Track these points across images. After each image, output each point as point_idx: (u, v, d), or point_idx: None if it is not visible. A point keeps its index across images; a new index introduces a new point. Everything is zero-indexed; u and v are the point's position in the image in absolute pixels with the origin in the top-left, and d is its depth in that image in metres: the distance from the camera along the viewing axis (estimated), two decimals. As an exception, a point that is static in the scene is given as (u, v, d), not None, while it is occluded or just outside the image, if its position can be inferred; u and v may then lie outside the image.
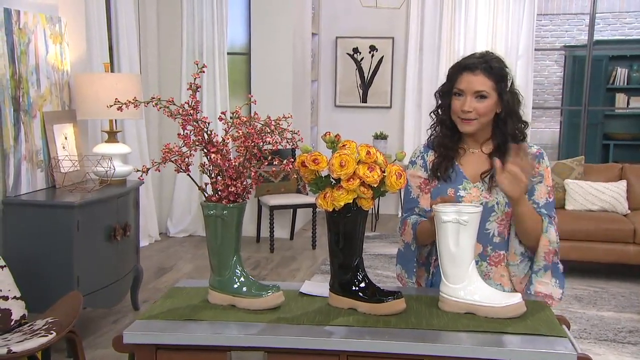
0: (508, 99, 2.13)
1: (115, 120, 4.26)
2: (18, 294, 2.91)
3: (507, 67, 2.15)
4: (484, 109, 2.11)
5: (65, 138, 3.95)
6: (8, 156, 3.46)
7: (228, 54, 6.31)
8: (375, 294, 1.87)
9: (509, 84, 2.14)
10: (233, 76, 6.51)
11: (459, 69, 2.14)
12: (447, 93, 2.17)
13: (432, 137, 2.27)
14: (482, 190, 2.15)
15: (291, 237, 6.44)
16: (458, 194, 2.16)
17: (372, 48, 7.53)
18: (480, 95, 2.10)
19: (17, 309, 2.87)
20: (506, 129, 2.15)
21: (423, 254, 2.26)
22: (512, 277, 2.19)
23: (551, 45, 11.06)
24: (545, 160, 2.19)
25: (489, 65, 2.11)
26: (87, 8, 4.64)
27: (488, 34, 7.16)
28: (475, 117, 2.11)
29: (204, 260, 5.47)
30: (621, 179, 5.54)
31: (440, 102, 2.21)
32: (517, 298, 1.87)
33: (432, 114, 2.26)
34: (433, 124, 2.26)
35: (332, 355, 1.72)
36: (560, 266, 2.21)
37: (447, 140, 2.20)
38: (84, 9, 4.47)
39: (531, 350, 1.66)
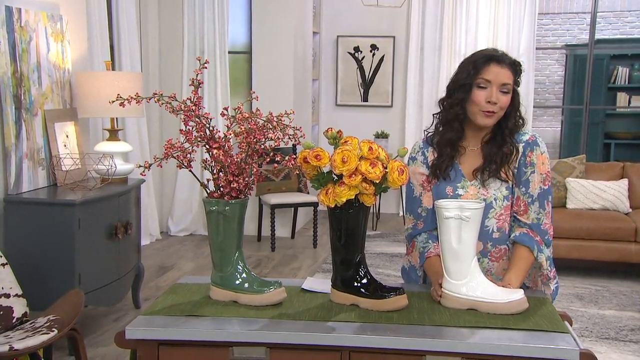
0: (517, 95, 2.15)
1: (117, 119, 4.26)
2: (19, 292, 2.91)
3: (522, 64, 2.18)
4: (506, 102, 2.10)
5: (67, 136, 3.95)
6: (9, 154, 3.46)
7: (229, 52, 6.31)
8: (377, 290, 1.87)
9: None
10: (234, 75, 6.51)
11: (485, 59, 2.09)
12: (468, 85, 2.09)
13: (430, 134, 2.24)
14: (480, 188, 2.15)
15: (292, 236, 6.44)
16: (456, 192, 2.16)
17: (373, 47, 7.52)
18: (505, 89, 2.09)
19: (19, 307, 2.87)
20: (507, 123, 2.14)
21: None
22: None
23: (552, 44, 11.05)
24: (539, 147, 2.15)
25: (513, 61, 2.13)
26: (88, 6, 4.64)
27: (489, 32, 7.16)
28: (498, 109, 2.09)
29: (205, 259, 5.48)
30: (622, 178, 5.54)
31: (457, 95, 2.11)
32: (519, 294, 1.87)
33: (443, 105, 2.17)
34: (444, 120, 2.17)
35: (334, 351, 1.72)
36: (553, 287, 2.23)
37: (454, 137, 2.15)
38: (85, 7, 4.47)
39: (533, 346, 1.66)
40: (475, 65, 2.10)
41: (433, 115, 2.24)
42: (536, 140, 2.16)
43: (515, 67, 2.12)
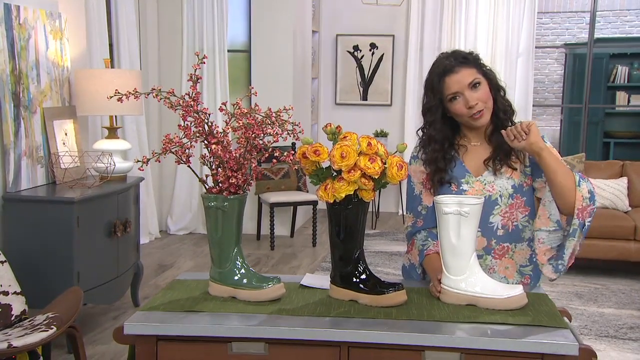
0: (491, 76, 2.15)
1: (116, 117, 4.25)
2: (18, 289, 2.91)
3: (474, 52, 2.18)
4: (484, 94, 2.11)
5: (66, 134, 3.94)
6: (8, 152, 3.45)
7: (228, 51, 6.31)
8: (376, 286, 1.87)
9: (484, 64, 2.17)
10: (233, 74, 6.51)
11: (439, 77, 2.11)
12: (434, 107, 2.13)
13: (418, 151, 2.24)
14: (486, 184, 2.15)
15: (291, 235, 6.43)
16: (461, 187, 2.16)
17: (373, 46, 7.52)
18: (474, 85, 2.10)
19: (18, 304, 2.87)
20: (497, 105, 2.15)
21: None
22: (540, 244, 2.10)
23: (552, 43, 11.05)
24: (547, 142, 2.14)
25: (462, 57, 2.13)
26: (87, 4, 4.63)
27: (488, 31, 7.16)
28: (482, 106, 2.10)
29: (204, 258, 5.47)
30: (622, 176, 5.54)
31: (427, 118, 2.17)
32: (518, 290, 1.86)
33: (419, 132, 2.22)
34: (422, 143, 2.21)
35: (333, 347, 1.72)
36: (588, 225, 2.11)
37: (436, 154, 2.17)
38: (84, 5, 4.47)
39: (533, 341, 1.66)
40: (434, 88, 2.13)
41: (417, 132, 2.25)
42: (542, 136, 2.16)
43: (469, 62, 2.11)
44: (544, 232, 2.10)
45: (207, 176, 1.94)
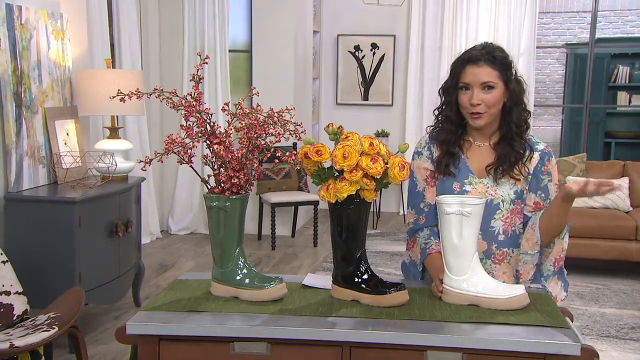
0: (514, 87, 2.11)
1: (117, 117, 4.25)
2: (20, 289, 2.91)
3: (509, 56, 2.14)
4: (492, 99, 2.08)
5: (67, 134, 3.95)
6: (10, 152, 3.46)
7: (229, 51, 6.32)
8: (378, 286, 1.87)
9: (514, 72, 2.13)
10: (234, 74, 6.51)
11: (462, 63, 2.11)
12: (451, 89, 2.14)
13: (434, 130, 2.25)
14: (488, 187, 2.14)
15: (292, 235, 6.43)
16: (464, 188, 2.15)
17: (374, 46, 7.52)
18: (487, 86, 2.08)
19: (19, 304, 2.87)
20: (511, 117, 2.13)
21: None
22: (523, 264, 2.13)
23: (553, 43, 11.05)
24: (553, 159, 2.18)
25: (492, 55, 2.10)
26: (88, 4, 4.64)
27: (490, 31, 7.16)
28: (484, 109, 2.09)
29: (206, 258, 5.48)
30: (623, 176, 5.54)
31: (444, 98, 2.18)
32: (520, 290, 1.86)
33: (435, 111, 2.23)
34: (437, 121, 2.22)
35: (335, 347, 1.72)
36: (565, 271, 2.20)
37: (451, 135, 2.17)
38: (85, 5, 4.47)
39: (535, 341, 1.66)
40: (454, 71, 2.14)
41: (433, 112, 2.25)
42: (550, 152, 2.19)
43: (496, 62, 2.09)
44: (529, 256, 2.13)
45: (209, 176, 1.94)
